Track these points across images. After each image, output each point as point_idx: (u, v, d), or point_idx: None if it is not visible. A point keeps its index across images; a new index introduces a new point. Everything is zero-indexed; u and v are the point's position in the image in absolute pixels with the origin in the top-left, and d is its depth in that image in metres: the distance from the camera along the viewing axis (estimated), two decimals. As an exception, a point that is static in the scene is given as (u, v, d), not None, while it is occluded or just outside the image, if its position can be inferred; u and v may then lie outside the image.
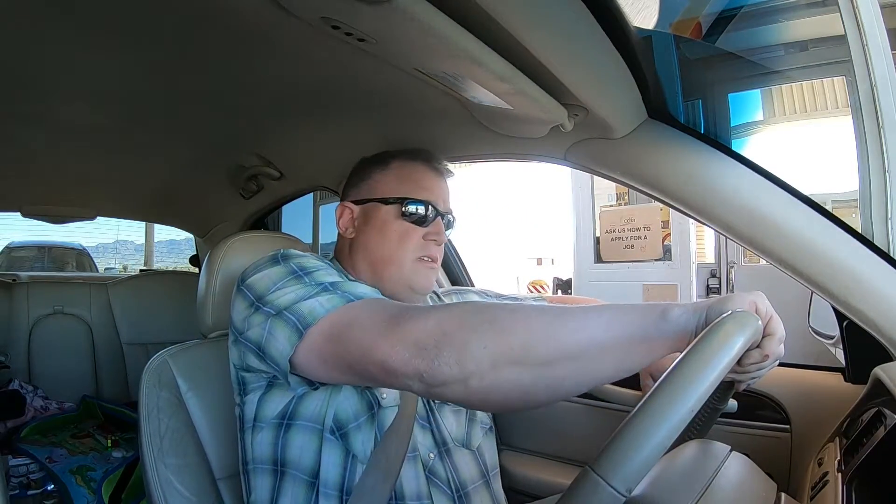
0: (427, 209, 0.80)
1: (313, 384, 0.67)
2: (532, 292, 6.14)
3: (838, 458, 0.65)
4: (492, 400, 0.53)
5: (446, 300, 0.97)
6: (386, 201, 0.81)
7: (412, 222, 0.80)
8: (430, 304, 0.93)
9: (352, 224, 0.83)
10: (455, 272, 1.43)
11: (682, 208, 0.81)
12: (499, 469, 0.89)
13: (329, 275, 0.69)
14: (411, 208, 0.80)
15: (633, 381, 0.79)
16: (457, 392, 0.52)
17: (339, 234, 0.86)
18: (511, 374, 0.51)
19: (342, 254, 0.86)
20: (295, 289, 0.65)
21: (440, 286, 1.40)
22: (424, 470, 0.76)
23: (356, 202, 0.84)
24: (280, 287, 0.66)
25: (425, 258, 0.80)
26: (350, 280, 0.81)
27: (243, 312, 0.68)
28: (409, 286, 0.80)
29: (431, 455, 0.78)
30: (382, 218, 0.81)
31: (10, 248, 6.11)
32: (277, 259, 0.71)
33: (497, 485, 0.86)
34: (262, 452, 0.72)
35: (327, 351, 0.60)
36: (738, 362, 0.53)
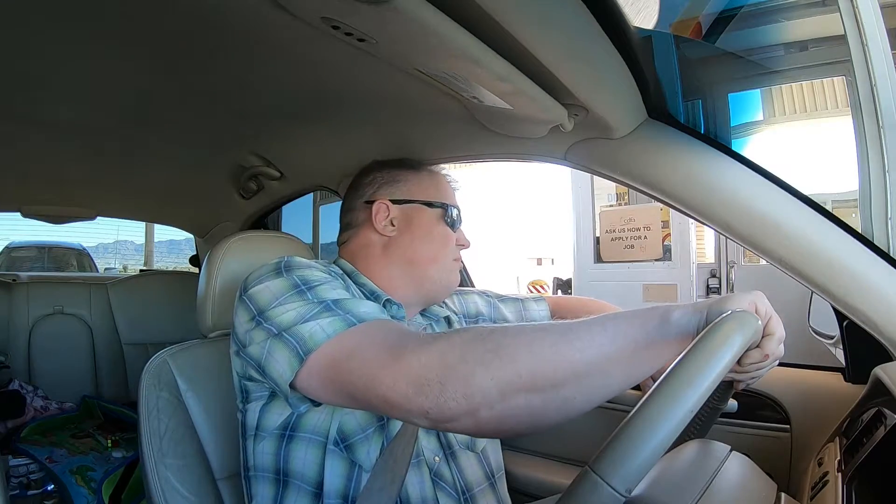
0: (460, 216, 0.86)
1: (315, 402, 0.66)
2: (532, 292, 6.14)
3: (838, 457, 0.65)
4: (503, 428, 0.52)
5: (448, 301, 0.97)
6: (431, 205, 0.84)
7: (449, 226, 0.85)
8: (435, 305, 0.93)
9: (390, 223, 0.83)
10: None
11: (682, 208, 0.81)
12: (504, 471, 0.88)
13: (333, 289, 0.67)
14: (452, 214, 0.85)
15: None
16: (466, 425, 0.51)
17: (368, 232, 0.84)
18: (521, 401, 0.50)
19: (367, 252, 0.83)
20: (296, 306, 0.64)
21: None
22: (430, 473, 0.75)
23: (395, 202, 0.83)
24: (281, 303, 0.65)
25: (456, 259, 0.86)
26: (361, 280, 0.81)
27: (245, 325, 0.67)
28: (447, 284, 0.85)
29: (437, 458, 0.77)
30: (427, 220, 0.83)
31: (10, 249, 6.12)
32: (280, 270, 0.69)
33: (502, 487, 0.86)
34: (264, 461, 0.71)
35: (328, 379, 0.59)
36: (738, 362, 0.53)
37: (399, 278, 0.82)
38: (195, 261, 2.29)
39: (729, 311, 0.49)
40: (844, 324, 0.80)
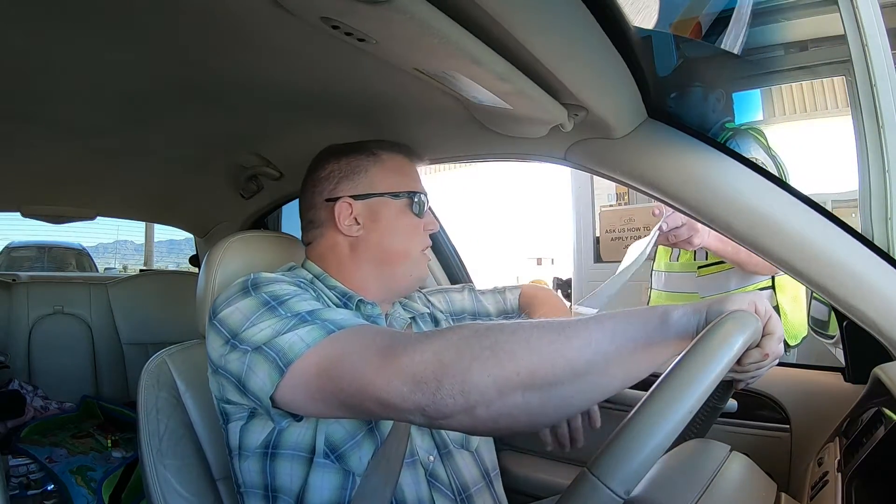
0: (426, 201, 0.82)
1: (297, 416, 0.65)
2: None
3: (838, 457, 0.65)
4: (500, 426, 0.52)
5: (433, 300, 0.97)
6: (396, 195, 0.80)
7: (416, 215, 0.81)
8: (419, 303, 0.92)
9: (354, 221, 0.79)
10: (454, 272, 1.43)
11: (682, 208, 0.81)
12: (499, 470, 0.88)
13: (304, 300, 0.66)
14: (418, 201, 0.81)
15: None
16: (463, 422, 0.51)
17: (332, 233, 0.80)
18: (519, 399, 0.50)
19: (335, 254, 0.80)
20: (270, 323, 0.62)
21: (439, 284, 1.40)
22: (425, 474, 0.75)
23: (356, 197, 0.79)
24: (254, 322, 0.63)
25: (425, 250, 0.83)
26: (331, 283, 0.79)
27: (219, 349, 0.66)
28: (418, 277, 0.83)
29: (431, 458, 0.77)
30: (393, 213, 0.80)
31: (10, 248, 6.11)
32: (248, 289, 0.68)
33: (499, 486, 0.86)
34: (252, 479, 0.70)
35: (316, 388, 0.58)
36: (738, 362, 0.53)
37: (371, 278, 0.80)
38: (195, 261, 2.29)
39: (728, 311, 0.49)
40: (844, 324, 0.80)
